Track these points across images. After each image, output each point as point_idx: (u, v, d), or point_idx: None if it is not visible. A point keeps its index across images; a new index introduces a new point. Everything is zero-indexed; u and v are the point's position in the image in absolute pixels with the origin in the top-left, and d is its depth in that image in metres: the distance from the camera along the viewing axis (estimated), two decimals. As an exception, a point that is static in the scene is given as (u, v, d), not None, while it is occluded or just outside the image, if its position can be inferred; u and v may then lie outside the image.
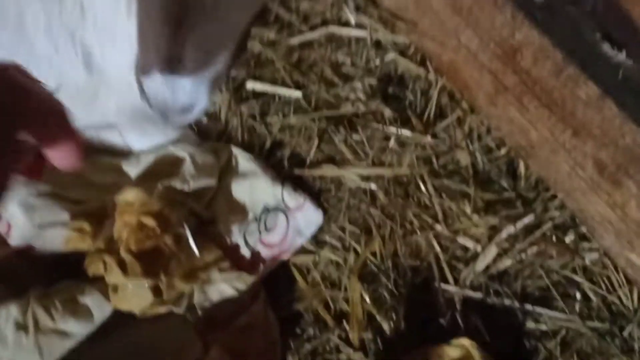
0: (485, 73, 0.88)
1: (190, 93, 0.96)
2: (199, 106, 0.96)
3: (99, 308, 0.81)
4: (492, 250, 0.96)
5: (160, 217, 0.85)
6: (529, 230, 0.96)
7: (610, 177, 0.77)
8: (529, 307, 0.93)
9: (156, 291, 0.81)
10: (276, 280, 0.96)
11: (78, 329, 0.79)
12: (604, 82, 0.67)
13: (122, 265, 0.80)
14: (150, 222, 0.83)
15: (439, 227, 0.99)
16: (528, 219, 0.96)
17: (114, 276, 0.80)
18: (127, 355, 0.81)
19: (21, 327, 0.77)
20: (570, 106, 0.74)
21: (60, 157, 0.37)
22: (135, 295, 0.80)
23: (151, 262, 0.82)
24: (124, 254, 0.81)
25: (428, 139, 1.00)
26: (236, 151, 0.98)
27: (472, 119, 1.02)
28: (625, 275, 0.92)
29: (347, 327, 0.93)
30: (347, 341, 0.93)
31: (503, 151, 1.00)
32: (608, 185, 0.78)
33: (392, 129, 1.01)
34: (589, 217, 0.88)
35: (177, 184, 0.90)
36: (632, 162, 0.71)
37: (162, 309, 0.83)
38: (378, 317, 0.94)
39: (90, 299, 0.81)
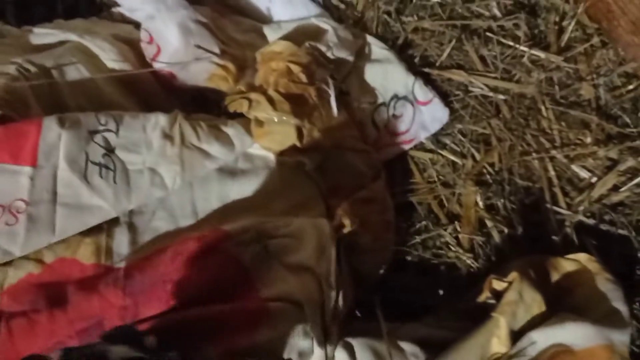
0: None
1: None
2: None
3: (240, 139, 0.81)
4: (611, 179, 0.97)
5: (307, 69, 0.86)
6: (650, 164, 0.98)
7: None
8: (643, 238, 0.94)
9: (299, 134, 0.82)
10: (393, 169, 0.97)
11: (220, 153, 0.79)
12: None
13: (271, 102, 0.81)
14: (298, 69, 0.85)
15: (555, 153, 1.00)
16: (651, 153, 0.98)
17: (262, 110, 0.81)
18: (255, 194, 0.82)
19: (168, 137, 0.77)
20: None
21: None
22: (279, 132, 0.81)
23: (298, 106, 0.83)
24: (272, 92, 0.82)
25: (559, 61, 1.03)
26: (371, 39, 1.00)
27: (603, 52, 1.05)
28: None
29: (458, 228, 0.94)
30: (457, 240, 0.94)
31: (631, 86, 1.03)
32: None
33: (525, 48, 1.04)
34: None
35: (321, 47, 0.91)
36: None
37: (298, 156, 0.84)
38: (489, 224, 0.94)
39: (233, 130, 0.81)
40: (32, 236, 0.67)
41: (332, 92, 0.86)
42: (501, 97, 1.01)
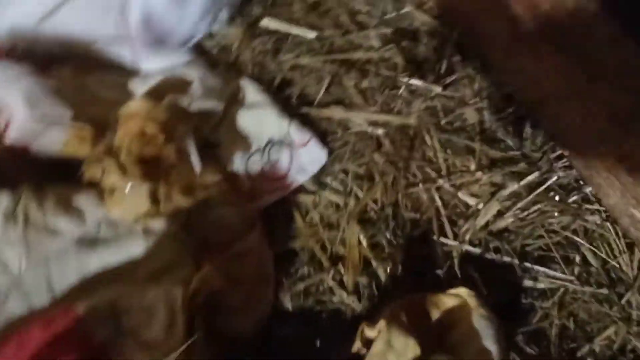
0: (504, 21, 0.91)
1: (196, 24, 0.98)
2: (196, 38, 0.98)
3: (92, 210, 0.80)
4: (494, 207, 0.98)
5: (165, 128, 0.85)
6: (532, 188, 0.98)
7: (622, 126, 0.80)
8: (527, 265, 0.95)
9: (154, 199, 0.81)
10: (274, 216, 0.96)
11: (69, 228, 0.78)
12: (625, 18, 0.71)
13: (122, 169, 0.80)
14: (154, 129, 0.84)
15: (441, 182, 1.01)
16: (532, 177, 0.99)
17: (112, 177, 0.80)
18: (117, 264, 0.81)
19: (10, 217, 0.76)
20: (588, 48, 0.78)
21: None
22: (131, 199, 0.80)
23: (151, 169, 0.82)
24: (124, 157, 0.81)
25: (438, 90, 1.03)
26: (245, 82, 0.99)
27: (482, 77, 1.05)
28: (628, 236, 0.94)
29: (342, 270, 0.94)
30: (341, 284, 0.94)
31: (511, 110, 1.03)
32: (618, 134, 0.81)
33: (403, 78, 1.04)
34: (595, 174, 0.91)
35: (184, 100, 0.91)
36: (644, 106, 0.74)
37: (157, 220, 0.83)
38: (374, 263, 0.95)
39: (85, 200, 0.80)
40: None
41: (192, 149, 0.86)
42: (381, 131, 1.01)
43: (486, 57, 1.03)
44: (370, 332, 0.83)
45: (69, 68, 0.93)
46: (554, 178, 0.98)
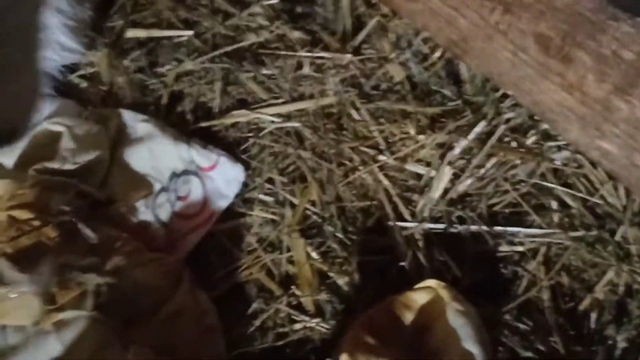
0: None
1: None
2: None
3: (-17, 330, 0.69)
4: (447, 171, 0.86)
5: (37, 208, 0.72)
6: (483, 140, 0.86)
7: (558, 53, 0.66)
8: (499, 228, 0.84)
9: (47, 297, 0.69)
10: (206, 254, 0.85)
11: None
12: None
13: (-2, 274, 0.69)
14: (23, 214, 0.71)
15: (382, 158, 0.89)
16: (480, 127, 0.86)
17: (-9, 288, 0.68)
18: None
19: None
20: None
21: None
22: (20, 306, 0.68)
23: (33, 262, 0.70)
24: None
25: (349, 57, 0.89)
26: (126, 114, 0.85)
27: (396, 23, 0.90)
28: (603, 169, 0.83)
29: (297, 292, 0.84)
30: (299, 308, 0.83)
31: (438, 54, 0.89)
32: (557, 64, 0.68)
33: (305, 54, 0.89)
34: (547, 110, 0.78)
35: (54, 164, 0.77)
36: (577, 27, 0.61)
37: (62, 315, 0.72)
38: (330, 274, 0.84)
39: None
40: None
41: (77, 220, 0.73)
42: (298, 122, 0.88)
43: (392, 4, 0.88)
44: (339, 366, 0.74)
45: None
46: (505, 122, 0.85)
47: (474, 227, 0.84)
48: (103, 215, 0.79)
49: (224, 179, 0.85)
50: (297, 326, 0.83)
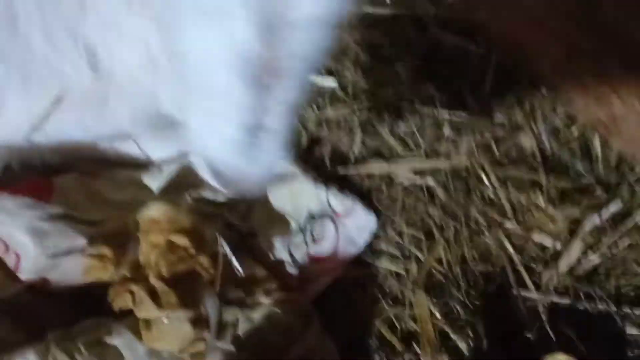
0: (554, 35, 0.80)
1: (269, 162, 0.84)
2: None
3: (131, 349, 0.71)
4: (577, 247, 0.87)
5: (193, 235, 0.76)
6: (616, 219, 0.87)
7: None
8: (627, 309, 0.84)
9: (196, 324, 0.71)
10: (330, 300, 0.86)
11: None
12: None
13: (154, 296, 0.71)
14: (182, 241, 0.74)
15: (509, 224, 0.90)
16: (614, 207, 0.87)
17: (146, 310, 0.70)
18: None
19: (43, 369, 0.67)
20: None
21: None
22: (172, 331, 0.70)
23: (188, 288, 0.72)
24: (154, 281, 0.72)
25: (486, 120, 0.92)
26: (269, 153, 0.89)
27: (534, 95, 0.94)
28: None
29: (418, 350, 0.84)
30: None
31: (575, 130, 0.92)
32: None
33: (444, 113, 0.93)
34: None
35: (207, 194, 0.81)
36: None
37: (202, 346, 0.74)
38: (452, 336, 0.84)
39: (120, 340, 0.71)
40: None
41: (228, 252, 0.76)
42: (431, 179, 0.91)
43: (536, 75, 0.92)
44: None
45: (73, 177, 0.83)
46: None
47: (601, 306, 0.85)
48: (246, 249, 0.82)
49: (356, 226, 0.87)
50: (416, 385, 0.83)
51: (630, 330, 0.83)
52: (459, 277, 0.88)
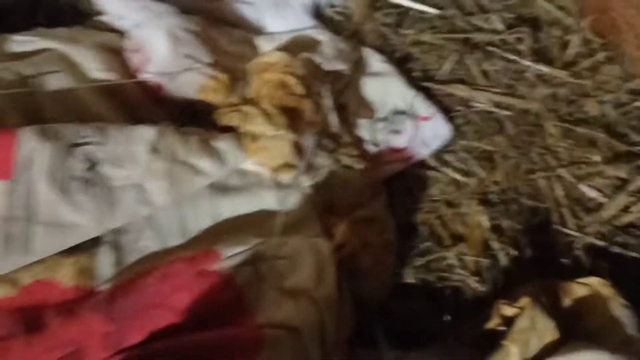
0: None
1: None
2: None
3: (233, 154, 0.80)
4: (620, 201, 0.98)
5: (303, 81, 0.86)
6: (660, 184, 0.99)
7: None
8: (660, 260, 0.94)
9: (295, 149, 0.81)
10: (393, 188, 0.96)
11: (211, 170, 0.78)
12: None
13: (266, 116, 0.81)
14: (292, 81, 0.84)
15: (562, 171, 1.01)
16: (664, 171, 0.99)
17: (255, 123, 0.80)
18: (248, 213, 0.80)
19: (155, 151, 0.76)
20: None
21: None
22: (274, 147, 0.80)
23: (292, 119, 0.82)
24: (266, 105, 0.82)
25: (564, 77, 1.04)
26: (368, 51, 1.00)
27: (608, 68, 1.07)
28: None
29: (463, 250, 0.93)
30: (462, 263, 0.93)
31: (638, 103, 1.04)
32: None
33: (528, 62, 1.05)
34: None
35: (317, 58, 0.91)
36: None
37: (289, 174, 0.83)
38: (495, 246, 0.94)
39: (225, 144, 0.80)
40: (6, 256, 0.65)
41: (331, 106, 0.86)
42: (505, 112, 1.02)
43: (616, 48, 1.05)
44: (508, 311, 0.82)
45: (198, 18, 0.94)
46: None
47: (633, 254, 0.95)
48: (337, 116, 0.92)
49: (432, 132, 0.98)
50: (456, 277, 0.92)
51: (660, 279, 0.93)
52: (510, 204, 0.98)
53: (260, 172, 0.82)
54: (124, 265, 0.72)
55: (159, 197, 0.74)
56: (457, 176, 0.98)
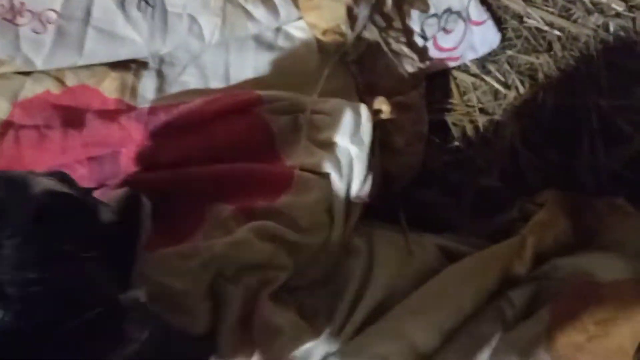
0: None
1: None
2: None
3: (287, 9, 0.78)
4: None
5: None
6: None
7: None
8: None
9: (349, 14, 0.79)
10: (433, 85, 0.94)
11: (264, 18, 0.77)
12: None
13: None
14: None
15: (601, 101, 0.98)
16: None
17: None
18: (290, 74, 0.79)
19: (213, -14, 0.74)
20: None
21: None
22: (328, 7, 0.78)
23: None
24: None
25: (620, 9, 1.01)
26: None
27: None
28: None
29: (490, 156, 0.92)
30: (488, 168, 0.91)
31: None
32: None
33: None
34: None
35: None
36: None
37: (336, 44, 0.81)
38: (523, 155, 0.92)
39: (280, -2, 0.78)
40: (57, 51, 0.65)
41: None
42: (556, 33, 0.99)
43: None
44: (528, 207, 0.82)
45: None
46: None
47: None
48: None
49: (482, 37, 0.95)
50: (481, 181, 0.90)
51: None
52: (544, 122, 0.95)
53: (308, 38, 0.81)
54: (165, 93, 0.71)
55: (210, 33, 0.73)
56: (497, 86, 0.96)
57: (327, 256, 0.67)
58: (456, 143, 0.92)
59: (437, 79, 0.95)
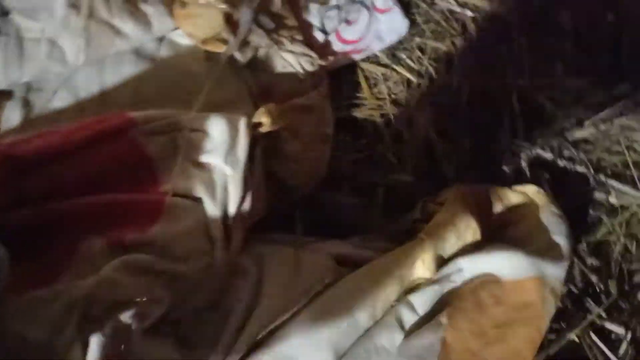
0: None
1: None
2: None
3: (160, 20, 0.73)
4: (575, 114, 0.90)
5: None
6: (618, 99, 0.90)
7: None
8: (602, 178, 0.87)
9: (227, 21, 0.73)
10: (341, 81, 0.89)
11: (134, 33, 0.71)
12: None
13: (196, -19, 0.72)
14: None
15: (521, 81, 0.92)
16: (622, 88, 0.90)
17: (186, -11, 0.72)
18: (174, 87, 0.74)
19: (74, 6, 0.68)
20: None
21: None
22: (204, 16, 0.72)
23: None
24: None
25: None
26: None
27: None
28: None
29: (403, 150, 0.87)
30: (401, 163, 0.86)
31: (609, 19, 0.94)
32: None
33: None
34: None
35: None
36: None
37: (223, 49, 0.75)
38: (438, 149, 0.87)
39: (152, 8, 0.73)
40: None
41: (272, -17, 0.77)
42: (470, 14, 0.92)
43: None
44: (430, 207, 0.77)
45: None
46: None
47: (579, 168, 0.87)
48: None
49: (388, 25, 0.89)
50: (393, 176, 0.85)
51: (598, 195, 0.86)
52: (461, 107, 0.90)
53: (193, 45, 0.75)
54: (33, 122, 0.66)
55: (74, 55, 0.68)
56: (409, 75, 0.90)
57: (212, 281, 0.63)
58: (366, 140, 0.86)
59: (344, 73, 0.89)
